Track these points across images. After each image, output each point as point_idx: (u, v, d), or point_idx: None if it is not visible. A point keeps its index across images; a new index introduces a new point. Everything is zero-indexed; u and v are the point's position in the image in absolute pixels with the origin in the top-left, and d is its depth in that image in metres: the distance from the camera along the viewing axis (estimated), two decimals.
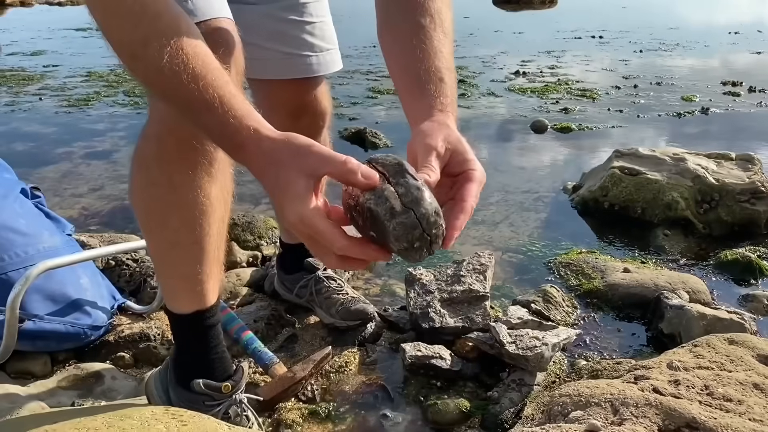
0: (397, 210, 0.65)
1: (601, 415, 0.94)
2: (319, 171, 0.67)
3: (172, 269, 1.16)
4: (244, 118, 0.72)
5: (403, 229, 0.65)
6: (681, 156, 2.61)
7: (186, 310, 1.18)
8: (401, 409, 1.52)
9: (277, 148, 0.69)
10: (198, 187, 1.07)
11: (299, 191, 0.66)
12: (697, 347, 1.18)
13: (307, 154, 0.67)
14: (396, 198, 0.66)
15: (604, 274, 2.04)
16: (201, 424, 1.04)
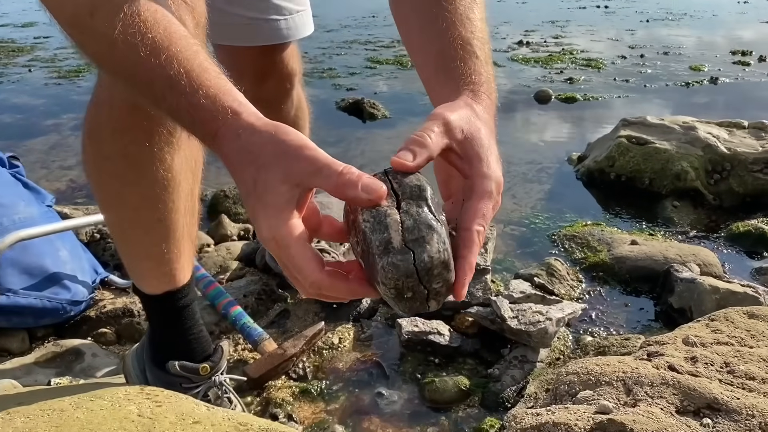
0: (394, 246, 0.53)
1: (613, 395, 0.85)
2: (307, 181, 0.55)
3: (136, 249, 1.07)
4: (220, 97, 0.59)
5: (395, 273, 0.53)
6: (691, 124, 2.50)
7: (155, 291, 1.10)
8: (397, 387, 1.44)
9: (258, 143, 0.56)
10: (157, 159, 0.96)
11: (278, 203, 0.54)
12: (714, 321, 1.10)
13: (296, 158, 0.54)
14: (398, 230, 0.54)
15: (610, 247, 1.96)
16: (177, 405, 0.96)
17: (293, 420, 1.33)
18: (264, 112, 0.62)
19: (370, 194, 0.54)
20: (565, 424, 0.78)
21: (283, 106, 1.43)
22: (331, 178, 0.54)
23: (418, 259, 0.53)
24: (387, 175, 0.58)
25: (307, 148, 0.55)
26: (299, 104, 1.48)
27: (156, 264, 1.05)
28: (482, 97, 0.66)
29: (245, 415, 0.97)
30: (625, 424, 0.76)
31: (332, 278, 0.55)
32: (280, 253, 0.55)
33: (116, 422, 0.90)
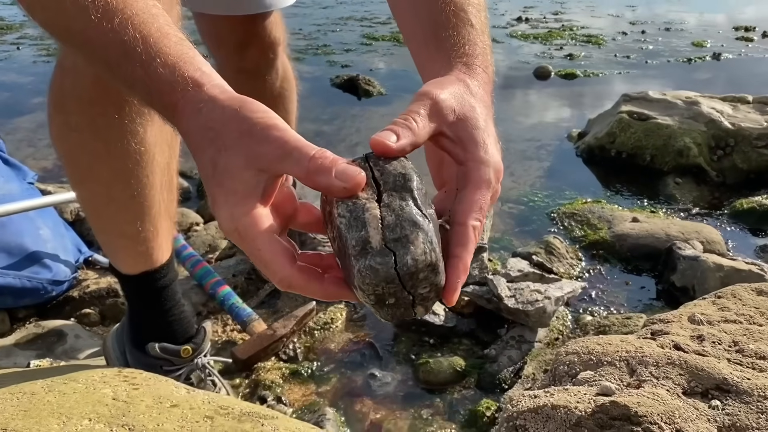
0: (372, 246, 0.46)
1: (615, 376, 0.80)
2: (274, 167, 0.48)
3: (109, 227, 1.01)
4: (180, 66, 0.52)
5: (373, 278, 0.46)
6: (694, 99, 2.44)
7: (132, 271, 1.04)
8: (390, 368, 1.40)
9: (220, 119, 0.49)
10: (128, 132, 0.89)
11: (240, 190, 0.48)
12: (721, 299, 1.05)
13: (262, 139, 0.48)
14: (377, 227, 0.47)
15: (611, 224, 1.90)
16: (155, 388, 0.91)
17: (282, 402, 1.29)
18: (247, 83, 0.55)
19: (345, 182, 0.47)
20: (564, 407, 0.73)
21: (267, 77, 1.36)
22: (301, 163, 0.47)
23: (401, 262, 0.46)
24: (368, 161, 0.51)
25: (276, 128, 0.48)
26: (285, 75, 1.41)
27: (131, 243, 0.99)
28: (477, 70, 0.59)
29: (228, 398, 0.92)
30: (629, 407, 0.71)
31: (305, 276, 0.49)
32: (244, 246, 0.49)
33: (88, 406, 0.85)
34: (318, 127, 2.69)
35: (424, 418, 1.27)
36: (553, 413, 0.73)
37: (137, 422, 0.82)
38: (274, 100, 1.40)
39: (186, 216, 1.92)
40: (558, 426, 0.72)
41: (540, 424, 0.73)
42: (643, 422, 0.69)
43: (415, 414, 1.28)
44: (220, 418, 0.83)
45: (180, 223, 1.89)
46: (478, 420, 1.25)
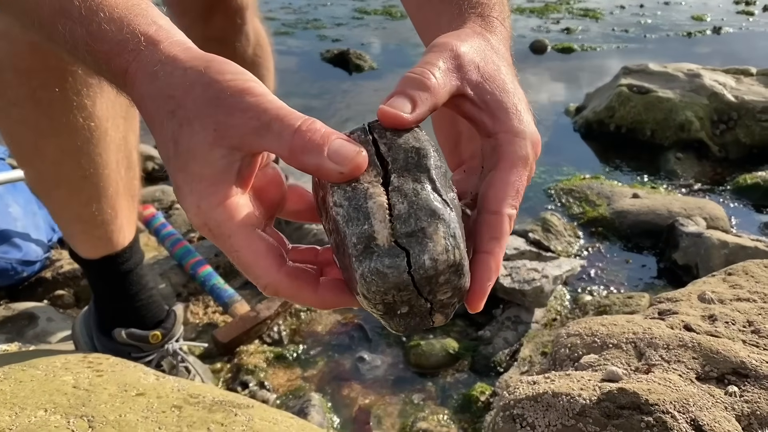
0: (378, 243, 0.37)
1: (622, 360, 0.73)
2: (250, 143, 0.39)
3: (62, 210, 0.93)
4: (129, 20, 0.42)
5: (381, 284, 0.37)
6: (696, 72, 2.35)
7: (92, 256, 0.96)
8: (380, 351, 1.33)
9: (182, 84, 0.40)
10: (74, 106, 0.80)
11: (209, 174, 0.39)
12: (732, 275, 0.98)
13: (233, 108, 0.39)
14: (384, 219, 0.38)
15: (610, 201, 1.83)
16: (121, 375, 0.84)
17: (265, 388, 1.22)
18: (216, 52, 0.45)
19: (341, 165, 0.38)
20: (566, 395, 0.66)
21: (237, 44, 1.27)
22: (284, 138, 0.38)
23: (416, 263, 0.37)
24: (371, 133, 0.41)
25: (251, 92, 0.39)
26: (257, 41, 1.31)
27: (88, 227, 0.91)
28: (494, 23, 0.49)
29: (200, 385, 0.85)
30: (638, 394, 0.63)
31: (295, 283, 0.40)
32: (219, 244, 0.40)
33: (45, 395, 0.77)
34: (306, 102, 2.60)
35: (415, 403, 1.21)
36: (554, 401, 0.66)
37: (97, 413, 0.74)
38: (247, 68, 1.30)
39: (166, 193, 1.84)
40: (560, 415, 0.65)
41: (539, 414, 0.66)
42: (654, 411, 0.62)
43: (406, 399, 1.22)
44: (189, 408, 0.76)
45: (160, 200, 1.81)
46: (472, 405, 1.18)
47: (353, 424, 1.17)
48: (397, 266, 0.37)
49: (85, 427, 0.72)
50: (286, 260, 0.40)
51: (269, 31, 1.44)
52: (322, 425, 1.14)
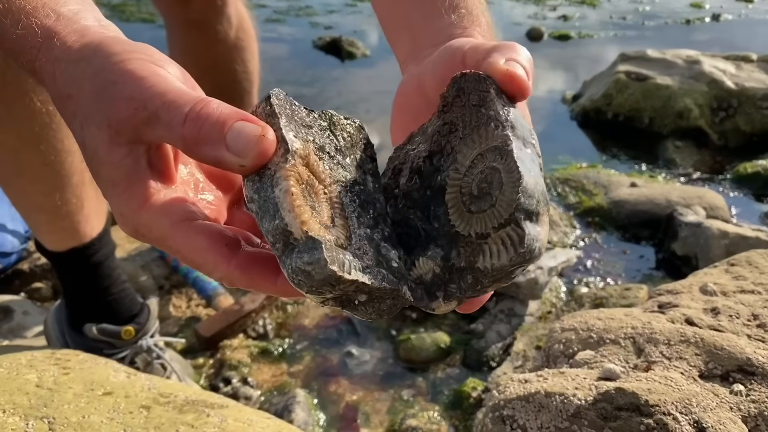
0: (297, 238, 0.34)
1: (620, 357, 0.68)
2: (146, 135, 0.35)
3: (24, 200, 0.88)
4: (29, 12, 0.38)
5: (309, 283, 0.34)
6: (695, 58, 2.30)
7: (58, 248, 0.91)
8: (369, 346, 1.28)
9: (75, 80, 0.36)
10: (30, 89, 0.75)
11: (119, 177, 0.35)
12: (735, 266, 0.93)
13: (118, 96, 0.34)
14: (292, 208, 0.35)
15: (607, 190, 1.78)
16: (89, 373, 0.79)
17: (249, 384, 1.17)
18: (198, 37, 0.40)
19: (242, 156, 0.33)
20: (560, 394, 0.61)
21: (218, 27, 1.21)
22: (174, 129, 0.33)
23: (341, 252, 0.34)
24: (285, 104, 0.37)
25: (134, 75, 0.34)
26: (240, 24, 1.26)
27: (52, 217, 0.86)
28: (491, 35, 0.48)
29: (172, 384, 0.80)
30: (638, 394, 0.59)
31: (249, 274, 0.35)
32: (158, 247, 0.36)
33: (5, 395, 0.72)
34: (298, 90, 2.54)
35: (405, 400, 1.16)
36: (546, 402, 0.62)
37: (59, 414, 0.70)
38: (230, 52, 1.24)
39: None
40: (553, 417, 0.60)
41: (531, 415, 0.61)
42: (654, 413, 0.58)
43: (395, 395, 1.17)
44: (159, 408, 0.71)
45: None
46: (464, 401, 1.14)
47: (340, 421, 1.13)
48: (316, 261, 0.33)
49: (45, 430, 0.67)
50: (238, 248, 0.36)
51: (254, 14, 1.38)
52: (307, 423, 1.09)
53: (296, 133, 0.36)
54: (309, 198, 0.35)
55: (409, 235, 0.40)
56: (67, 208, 0.85)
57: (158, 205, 0.35)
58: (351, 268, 0.34)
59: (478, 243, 0.37)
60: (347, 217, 0.37)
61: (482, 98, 0.38)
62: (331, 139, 0.39)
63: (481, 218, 0.37)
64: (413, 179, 0.41)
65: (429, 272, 0.39)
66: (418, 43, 0.48)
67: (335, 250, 0.34)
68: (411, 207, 0.41)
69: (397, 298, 0.37)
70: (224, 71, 1.28)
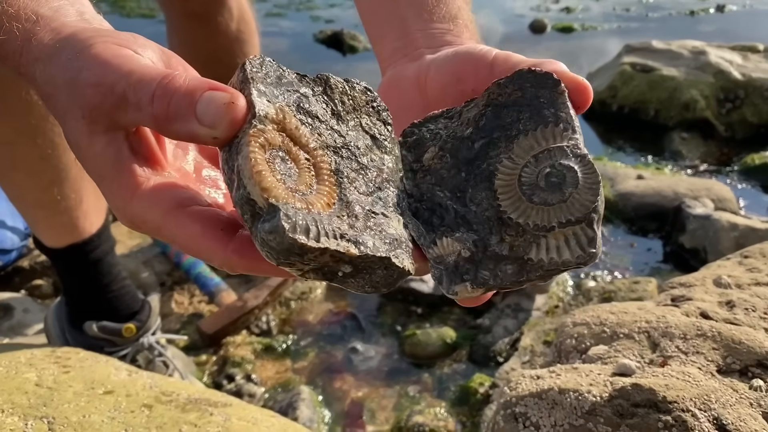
0: (261, 206, 0.32)
1: (635, 351, 0.67)
2: (121, 120, 0.33)
3: (22, 195, 0.86)
4: (8, 14, 0.37)
5: (275, 254, 0.32)
6: (701, 49, 2.27)
7: (57, 244, 0.90)
8: (374, 342, 1.27)
9: (51, 76, 0.35)
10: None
11: (104, 169, 0.34)
12: (748, 258, 0.91)
13: (87, 85, 0.33)
14: (251, 175, 0.33)
15: (614, 182, 1.76)
16: (90, 371, 0.77)
17: (252, 381, 1.16)
18: (198, 29, 0.39)
19: (214, 127, 0.32)
20: (574, 391, 0.59)
21: (219, 19, 1.19)
22: (144, 109, 0.32)
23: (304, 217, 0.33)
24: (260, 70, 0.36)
25: (98, 59, 0.33)
26: (241, 15, 1.23)
27: (50, 213, 0.84)
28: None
29: (175, 382, 0.78)
30: (655, 390, 0.57)
31: (248, 259, 0.34)
32: (155, 237, 0.36)
33: (4, 394, 0.71)
34: None
35: (411, 396, 1.14)
36: (560, 399, 0.60)
37: (59, 413, 0.68)
38: (231, 45, 1.23)
39: None
40: (567, 414, 0.58)
41: (545, 412, 0.59)
42: (673, 409, 0.56)
43: (401, 391, 1.15)
44: (161, 407, 0.70)
45: None
46: (470, 397, 1.12)
47: (345, 418, 1.11)
48: (275, 229, 0.31)
49: (45, 430, 0.66)
50: (235, 231, 0.34)
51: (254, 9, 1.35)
52: (312, 420, 1.07)
53: (271, 98, 0.35)
54: (283, 164, 0.34)
55: (433, 211, 0.40)
56: (66, 204, 0.83)
57: (147, 194, 0.33)
58: (321, 235, 0.32)
59: (534, 234, 0.37)
60: (339, 182, 0.36)
61: (553, 99, 0.39)
62: (326, 103, 0.38)
63: (545, 210, 0.37)
64: (444, 158, 0.41)
65: (453, 254, 0.38)
66: (411, 41, 0.48)
67: (300, 216, 0.32)
68: (437, 184, 0.40)
69: (391, 268, 0.35)
70: (226, 64, 1.26)
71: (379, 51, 0.52)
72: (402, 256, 0.36)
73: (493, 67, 0.42)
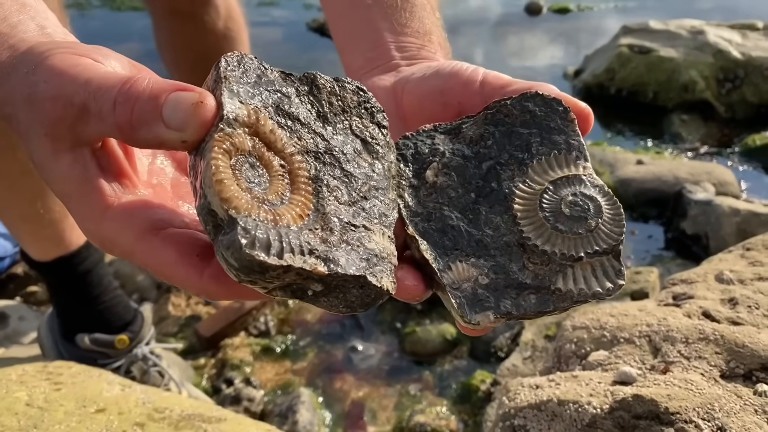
0: (222, 218, 0.30)
1: (636, 357, 0.65)
2: (85, 134, 0.31)
3: (5, 209, 0.84)
4: None
5: (236, 272, 0.30)
6: (700, 28, 2.24)
7: (44, 258, 0.88)
8: (374, 340, 1.25)
9: (10, 93, 0.33)
10: None
11: (70, 189, 0.32)
12: (750, 251, 0.89)
13: (45, 99, 0.31)
14: (211, 184, 0.30)
15: (613, 168, 1.74)
16: (82, 388, 0.76)
17: (252, 384, 1.14)
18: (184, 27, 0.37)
19: (182, 130, 0.30)
20: (574, 402, 0.58)
21: (206, 17, 1.16)
22: (105, 118, 0.30)
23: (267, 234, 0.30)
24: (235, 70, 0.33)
25: (53, 71, 0.31)
26: (229, 14, 1.21)
27: (35, 227, 0.83)
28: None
29: (169, 396, 0.77)
30: (657, 401, 0.55)
31: (225, 285, 0.31)
32: (128, 261, 0.34)
33: None
34: None
35: (412, 395, 1.13)
36: (560, 410, 0.58)
37: None
38: (219, 42, 1.20)
39: None
40: (567, 427, 0.57)
41: (544, 424, 0.58)
42: (675, 421, 0.54)
43: (402, 390, 1.14)
44: (153, 426, 0.68)
45: None
46: (472, 394, 1.11)
47: (346, 419, 1.10)
48: (232, 244, 0.29)
49: None
50: (212, 255, 0.32)
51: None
52: (312, 423, 1.06)
53: (246, 98, 0.32)
54: (253, 171, 0.31)
55: (443, 233, 0.38)
56: (50, 216, 0.82)
57: (117, 216, 0.31)
58: (284, 251, 0.30)
59: (560, 263, 0.36)
60: (317, 191, 0.34)
61: (564, 126, 0.39)
62: (311, 104, 0.36)
63: (572, 239, 0.36)
64: (449, 176, 0.39)
65: (469, 280, 0.36)
66: (384, 52, 0.47)
67: (262, 230, 0.30)
68: (445, 204, 0.38)
69: (368, 287, 0.33)
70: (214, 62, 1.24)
71: (349, 61, 0.50)
72: (381, 275, 0.33)
73: (483, 86, 0.41)
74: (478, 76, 0.42)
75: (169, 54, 1.26)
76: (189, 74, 1.27)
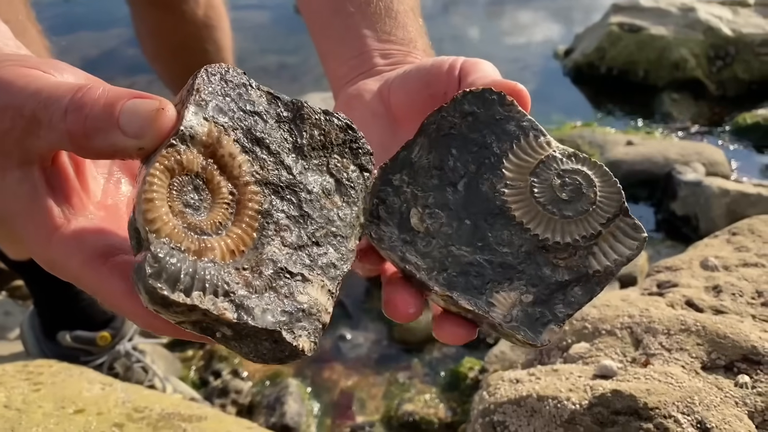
0: (143, 237, 0.28)
1: (617, 349, 0.64)
2: (34, 148, 0.30)
3: None
4: None
5: (145, 300, 0.28)
6: (690, 5, 2.21)
7: (20, 257, 0.86)
8: (362, 328, 1.25)
9: None
10: None
11: (18, 209, 0.31)
12: (736, 236, 0.88)
13: None
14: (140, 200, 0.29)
15: (603, 150, 1.72)
16: (62, 387, 0.75)
17: (239, 376, 1.14)
18: (165, 18, 0.35)
19: (140, 137, 0.29)
20: (553, 398, 0.57)
21: (185, 6, 1.13)
22: (56, 128, 0.29)
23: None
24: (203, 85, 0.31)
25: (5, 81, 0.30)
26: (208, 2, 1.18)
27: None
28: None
29: (149, 394, 0.76)
30: (636, 397, 0.55)
31: (167, 321, 0.30)
32: (74, 284, 0.32)
33: None
34: (282, 59, 2.46)
35: (401, 383, 1.13)
36: (539, 406, 0.58)
37: None
38: (199, 32, 1.18)
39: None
40: (546, 423, 0.56)
41: (523, 420, 0.57)
42: (654, 416, 0.54)
43: (391, 378, 1.14)
44: (132, 426, 0.68)
45: None
46: (461, 382, 1.11)
47: (334, 409, 1.10)
48: (139, 269, 0.28)
49: None
50: None
51: None
52: (300, 414, 1.06)
53: (214, 115, 0.30)
54: (195, 194, 0.30)
55: (467, 274, 0.36)
56: None
57: (65, 240, 0.30)
58: (193, 289, 0.28)
59: (585, 246, 0.36)
60: (263, 227, 0.31)
61: (506, 111, 0.38)
62: (289, 133, 0.33)
63: (584, 219, 0.36)
64: (434, 215, 0.37)
65: (515, 305, 0.35)
66: (368, 59, 0.47)
67: (175, 261, 0.28)
68: (449, 245, 0.37)
69: (282, 343, 0.30)
70: (195, 51, 1.22)
71: (333, 67, 0.49)
72: (300, 332, 0.31)
73: (465, 72, 0.42)
74: (458, 63, 0.42)
75: (148, 44, 1.23)
76: (169, 64, 1.25)
